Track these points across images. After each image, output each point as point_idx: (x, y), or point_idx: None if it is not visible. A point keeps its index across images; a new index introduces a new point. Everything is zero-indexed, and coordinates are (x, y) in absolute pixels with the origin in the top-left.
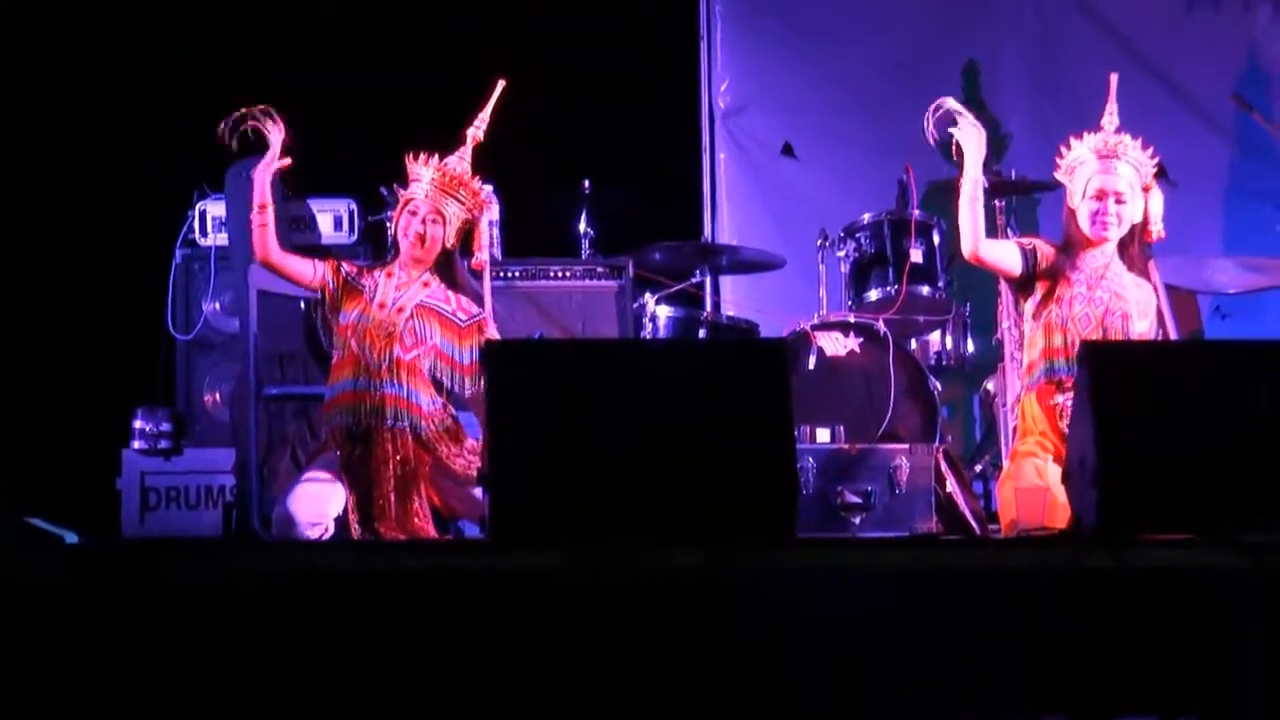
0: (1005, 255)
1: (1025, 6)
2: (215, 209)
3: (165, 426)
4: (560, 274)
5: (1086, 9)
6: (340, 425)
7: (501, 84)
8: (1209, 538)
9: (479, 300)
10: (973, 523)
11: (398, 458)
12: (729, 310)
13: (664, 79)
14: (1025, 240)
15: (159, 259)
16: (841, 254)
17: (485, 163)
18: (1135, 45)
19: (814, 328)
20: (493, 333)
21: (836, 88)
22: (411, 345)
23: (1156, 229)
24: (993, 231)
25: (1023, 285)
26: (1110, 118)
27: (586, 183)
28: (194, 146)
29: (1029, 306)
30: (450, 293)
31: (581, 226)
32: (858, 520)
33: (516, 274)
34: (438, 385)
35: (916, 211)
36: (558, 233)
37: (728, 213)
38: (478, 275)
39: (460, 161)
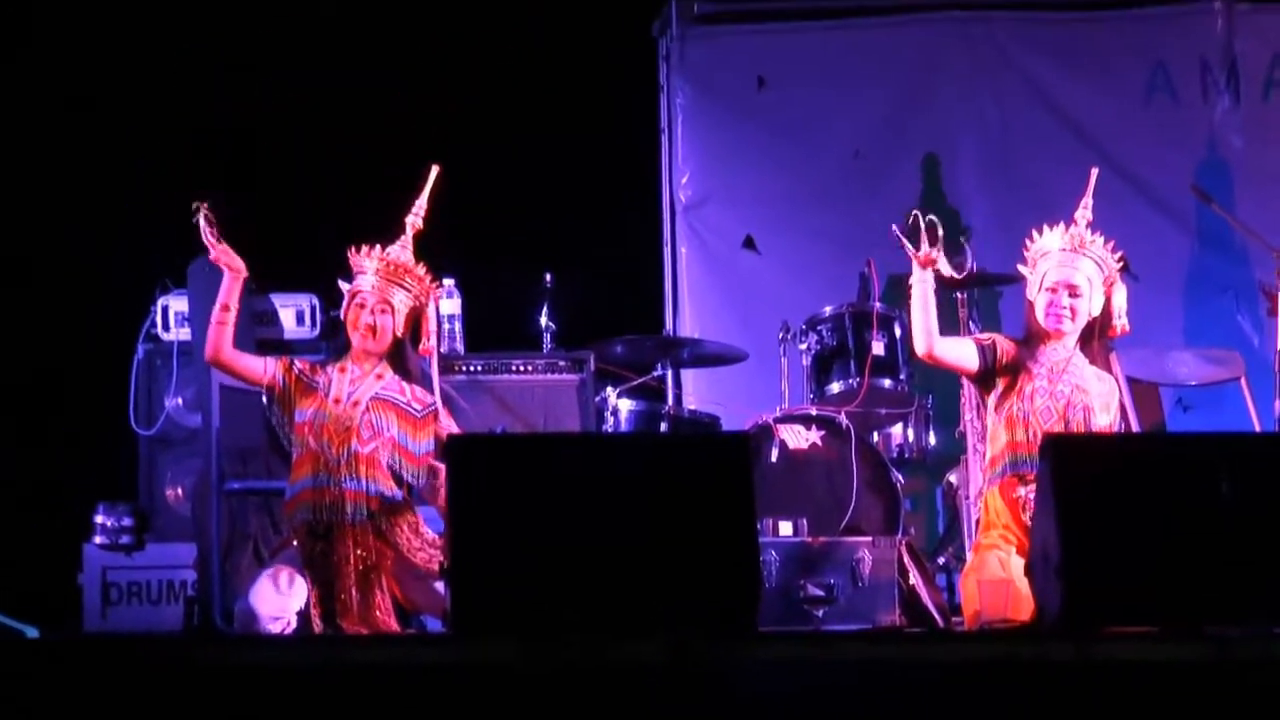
0: (961, 352)
1: (983, 99)
2: (178, 304)
3: (127, 521)
4: (522, 367)
5: (1045, 101)
6: (301, 522)
7: (435, 170)
8: (1174, 630)
9: (429, 387)
10: (936, 616)
11: (359, 552)
12: (691, 403)
13: (625, 172)
14: (984, 336)
15: (121, 354)
16: (803, 347)
17: (447, 256)
18: (1094, 137)
19: (776, 420)
20: (447, 422)
21: (797, 181)
22: (369, 438)
23: (1121, 323)
24: (954, 324)
25: (983, 380)
26: (1084, 211)
27: (548, 276)
28: (156, 241)
29: (991, 400)
30: (404, 384)
31: (543, 320)
32: (821, 613)
33: (478, 367)
34: (397, 478)
35: (878, 304)
36: (519, 326)
37: (689, 306)
38: (426, 361)
39: (403, 250)
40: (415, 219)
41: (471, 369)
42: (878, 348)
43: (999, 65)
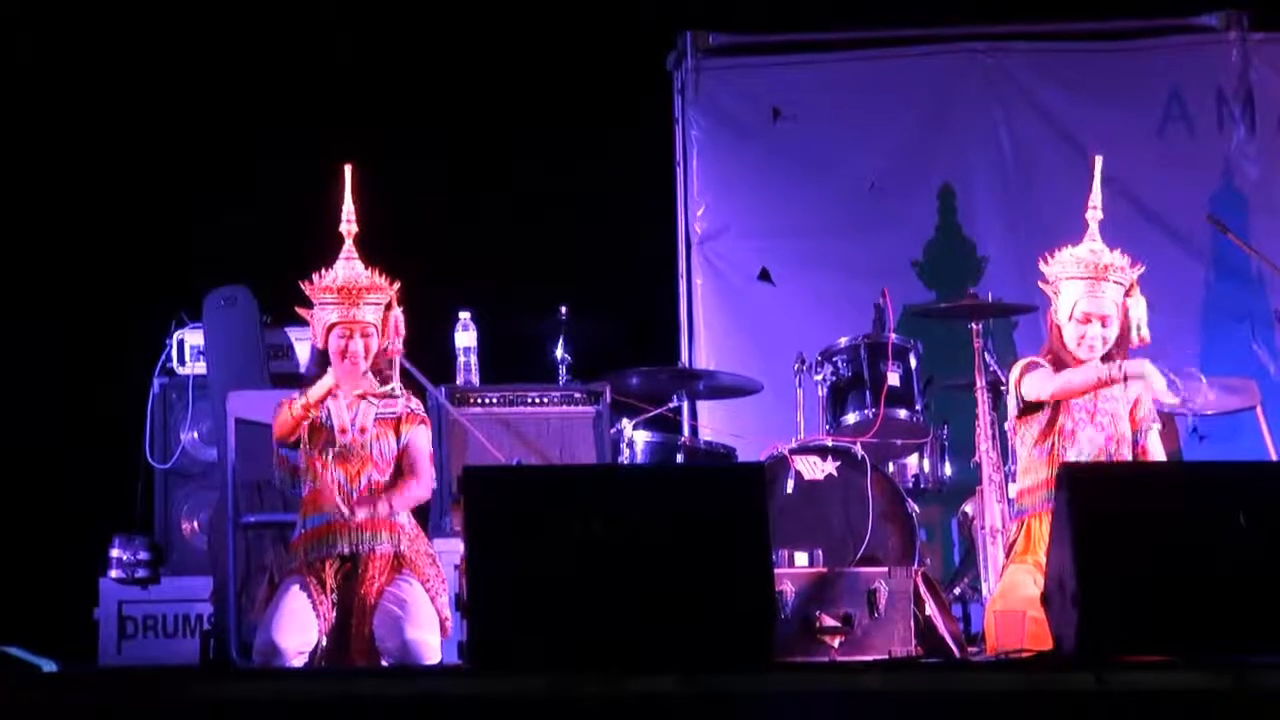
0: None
1: (999, 130)
2: (193, 338)
3: (143, 555)
4: (538, 400)
5: (1060, 131)
6: (322, 556)
7: (349, 168)
8: (1190, 659)
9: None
10: (952, 645)
11: (382, 579)
12: (706, 435)
13: (640, 204)
14: (1039, 361)
15: (137, 388)
16: (819, 378)
17: (463, 289)
18: (1109, 167)
19: (792, 451)
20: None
21: (812, 212)
22: (384, 465)
23: (1142, 334)
24: (969, 353)
25: (1031, 409)
26: (1095, 211)
27: (563, 308)
28: (171, 275)
29: (1032, 431)
30: (391, 394)
31: (559, 352)
32: (836, 643)
33: (494, 400)
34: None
35: (893, 335)
36: (535, 358)
37: (705, 337)
38: (392, 363)
39: (348, 262)
40: (349, 225)
41: (487, 401)
42: (893, 378)
43: (1014, 96)
